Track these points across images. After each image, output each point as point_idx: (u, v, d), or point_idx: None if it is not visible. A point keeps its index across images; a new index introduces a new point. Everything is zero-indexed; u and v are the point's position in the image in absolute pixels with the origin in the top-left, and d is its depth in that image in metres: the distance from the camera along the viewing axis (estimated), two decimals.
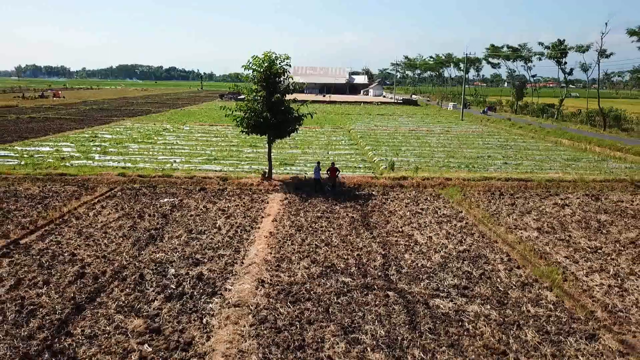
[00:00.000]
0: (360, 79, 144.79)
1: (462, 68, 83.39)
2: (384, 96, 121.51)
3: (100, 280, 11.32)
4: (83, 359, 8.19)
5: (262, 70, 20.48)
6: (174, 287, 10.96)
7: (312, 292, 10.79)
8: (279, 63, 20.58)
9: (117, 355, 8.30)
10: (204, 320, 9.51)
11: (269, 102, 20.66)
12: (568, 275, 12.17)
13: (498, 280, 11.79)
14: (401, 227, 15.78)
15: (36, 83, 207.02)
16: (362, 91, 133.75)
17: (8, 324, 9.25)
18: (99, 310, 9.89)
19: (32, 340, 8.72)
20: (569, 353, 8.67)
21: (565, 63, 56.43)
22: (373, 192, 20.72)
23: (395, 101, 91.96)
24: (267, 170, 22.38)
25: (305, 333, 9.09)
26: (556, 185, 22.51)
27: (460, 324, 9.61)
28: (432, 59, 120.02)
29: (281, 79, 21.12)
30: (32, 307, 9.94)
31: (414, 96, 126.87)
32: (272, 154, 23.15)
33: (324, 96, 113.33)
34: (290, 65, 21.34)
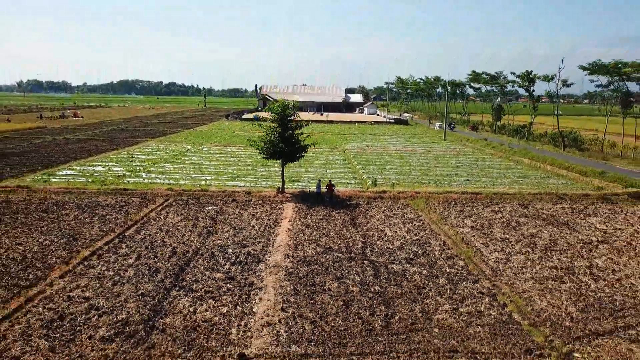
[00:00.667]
0: (356, 98, 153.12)
1: (448, 90, 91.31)
2: (378, 114, 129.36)
3: (187, 255, 18.40)
4: (198, 289, 15.25)
5: (278, 113, 27.81)
6: (234, 259, 18.06)
7: (318, 261, 17.92)
8: (291, 108, 27.93)
9: (214, 287, 15.37)
10: (257, 274, 16.61)
11: (283, 136, 27.95)
12: (478, 253, 19.35)
13: (433, 255, 18.94)
14: (377, 226, 22.96)
15: (45, 100, 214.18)
16: (357, 109, 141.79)
17: (146, 276, 16.30)
18: (194, 270, 16.96)
19: (163, 283, 15.78)
20: (460, 288, 15.80)
21: (534, 90, 64.46)
22: (360, 202, 27.89)
23: (387, 120, 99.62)
24: (280, 186, 29.56)
25: (315, 279, 16.19)
26: (499, 197, 29.77)
27: (403, 276, 16.74)
28: (422, 81, 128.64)
29: (291, 118, 28.38)
30: (154, 268, 17.01)
31: (405, 114, 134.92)
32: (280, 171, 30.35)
33: (322, 115, 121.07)
34: (298, 110, 28.67)
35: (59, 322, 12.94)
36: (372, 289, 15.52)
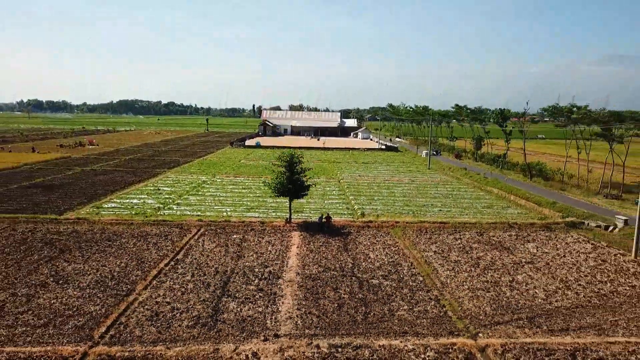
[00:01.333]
0: (351, 122, 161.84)
1: (434, 120, 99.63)
2: (371, 139, 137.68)
3: (226, 274, 25.80)
4: (240, 296, 22.65)
5: (287, 161, 35.52)
6: (260, 276, 25.48)
7: (320, 277, 25.39)
8: (296, 158, 35.66)
9: (251, 295, 22.75)
10: (278, 286, 24.04)
11: (290, 179, 35.61)
12: (434, 271, 26.87)
13: (402, 273, 26.44)
14: (363, 250, 30.47)
15: (51, 122, 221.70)
16: (352, 134, 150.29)
17: (202, 288, 23.66)
18: (234, 284, 24.34)
19: (215, 293, 23.16)
20: (417, 295, 23.28)
21: (506, 126, 72.93)
22: (351, 231, 35.41)
23: (379, 147, 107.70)
24: (288, 217, 37.08)
25: (318, 290, 23.64)
26: (462, 226, 37.38)
27: (379, 287, 24.20)
28: (412, 109, 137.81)
29: (297, 165, 36.05)
30: (206, 282, 24.40)
31: (397, 139, 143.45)
32: (288, 205, 37.87)
33: (318, 140, 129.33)
34: (302, 160, 36.41)
35: (156, 317, 20.30)
36: (357, 296, 22.98)
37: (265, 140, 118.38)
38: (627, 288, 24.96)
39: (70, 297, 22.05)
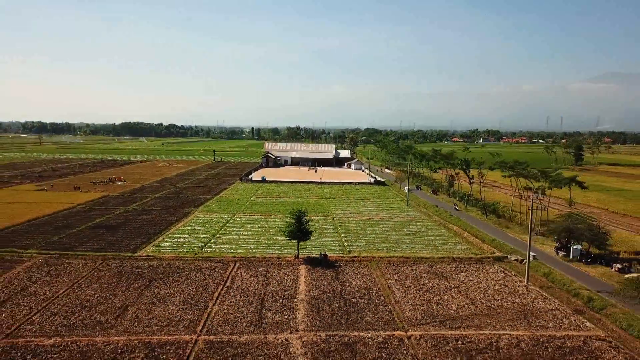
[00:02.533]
0: (345, 154, 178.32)
1: (417, 157, 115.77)
2: (363, 170, 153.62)
3: (261, 296, 41.10)
4: (273, 309, 37.91)
5: (295, 214, 51.08)
6: (283, 297, 40.79)
7: (320, 298, 40.75)
8: (303, 213, 51.23)
9: (279, 309, 38.05)
10: (295, 303, 39.35)
11: (298, 228, 51.12)
12: (392, 293, 42.27)
13: (372, 294, 41.80)
14: (349, 279, 45.83)
15: (65, 150, 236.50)
16: (345, 164, 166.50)
17: (248, 305, 38.95)
18: (267, 302, 39.63)
19: (257, 307, 38.42)
20: (378, 308, 38.64)
21: (469, 171, 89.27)
22: (341, 265, 50.75)
23: (369, 181, 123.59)
24: (296, 253, 52.46)
25: (319, 305, 38.96)
26: (419, 261, 52.83)
27: (356, 304, 39.55)
28: (397, 145, 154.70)
29: (303, 218, 51.56)
30: (250, 301, 39.69)
31: (386, 170, 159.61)
32: (296, 245, 53.21)
33: (316, 171, 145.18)
34: (307, 214, 52.03)
35: (226, 321, 35.51)
36: (342, 309, 38.30)
37: (269, 173, 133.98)
38: (509, 303, 40.44)
39: (173, 310, 37.29)
